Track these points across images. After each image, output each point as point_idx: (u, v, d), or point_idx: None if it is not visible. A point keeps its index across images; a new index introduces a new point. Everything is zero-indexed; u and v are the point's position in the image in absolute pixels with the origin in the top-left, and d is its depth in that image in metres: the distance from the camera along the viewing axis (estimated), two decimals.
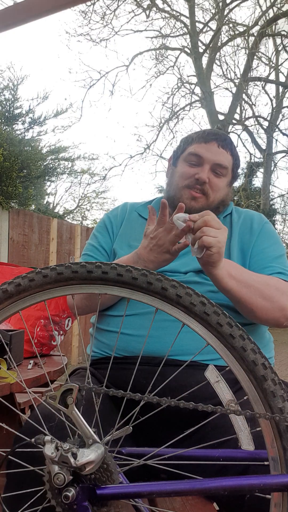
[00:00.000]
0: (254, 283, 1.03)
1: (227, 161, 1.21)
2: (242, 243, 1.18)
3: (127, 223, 1.29)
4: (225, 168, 1.21)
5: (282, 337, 9.44)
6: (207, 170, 1.19)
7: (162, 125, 12.75)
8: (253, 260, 1.15)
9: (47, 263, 5.83)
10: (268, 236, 1.21)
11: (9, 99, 7.95)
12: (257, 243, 1.18)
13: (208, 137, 1.22)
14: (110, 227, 1.29)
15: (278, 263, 1.14)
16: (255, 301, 1.03)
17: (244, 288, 1.02)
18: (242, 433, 0.62)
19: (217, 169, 1.20)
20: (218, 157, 1.20)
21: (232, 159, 1.23)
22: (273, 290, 1.05)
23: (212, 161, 1.20)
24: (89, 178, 13.93)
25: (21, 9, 0.62)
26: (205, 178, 1.18)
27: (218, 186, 1.21)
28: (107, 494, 0.63)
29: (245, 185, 14.03)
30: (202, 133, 1.24)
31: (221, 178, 1.21)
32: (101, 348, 1.13)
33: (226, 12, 11.45)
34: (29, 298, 0.70)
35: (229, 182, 1.25)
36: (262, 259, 1.15)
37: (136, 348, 1.05)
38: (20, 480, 0.80)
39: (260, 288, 1.03)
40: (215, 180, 1.20)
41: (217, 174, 1.21)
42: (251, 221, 1.24)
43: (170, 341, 1.01)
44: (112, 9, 11.15)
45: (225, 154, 1.21)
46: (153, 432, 1.01)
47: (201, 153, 1.20)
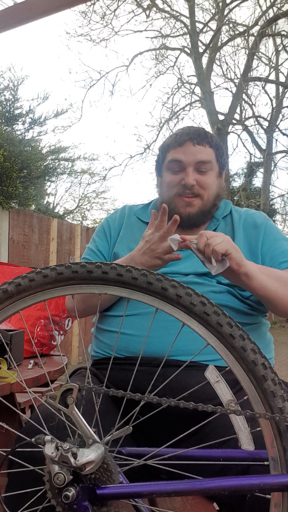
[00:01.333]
0: (281, 276, 1.05)
1: (207, 155, 1.19)
2: (249, 243, 1.17)
3: (127, 226, 1.29)
4: (208, 163, 1.19)
5: (282, 337, 9.44)
6: (191, 172, 1.18)
7: (162, 125, 12.75)
8: (267, 258, 1.15)
9: (47, 263, 5.83)
10: (274, 232, 1.21)
11: (9, 100, 7.96)
12: (265, 240, 1.18)
13: (181, 140, 1.20)
14: (108, 231, 1.30)
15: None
16: (283, 292, 1.03)
17: (275, 282, 1.02)
18: (242, 433, 0.62)
19: (201, 167, 1.18)
20: (197, 156, 1.18)
21: (213, 150, 1.21)
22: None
23: (193, 162, 1.18)
24: (89, 178, 13.94)
25: (21, 9, 0.62)
26: (191, 181, 1.17)
27: (207, 183, 1.19)
28: (107, 494, 0.63)
29: (245, 185, 14.04)
30: (175, 137, 1.22)
31: (207, 174, 1.20)
32: (102, 348, 1.13)
33: (226, 12, 11.45)
34: (29, 298, 0.70)
35: (218, 173, 1.23)
36: (276, 256, 1.15)
37: (137, 348, 1.05)
38: (21, 480, 0.80)
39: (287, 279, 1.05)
40: (202, 179, 1.19)
41: (202, 172, 1.19)
42: (253, 220, 1.22)
43: (171, 341, 1.01)
44: (112, 9, 11.16)
45: (203, 149, 1.19)
46: (153, 432, 1.01)
47: (179, 158, 1.19)
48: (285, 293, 1.03)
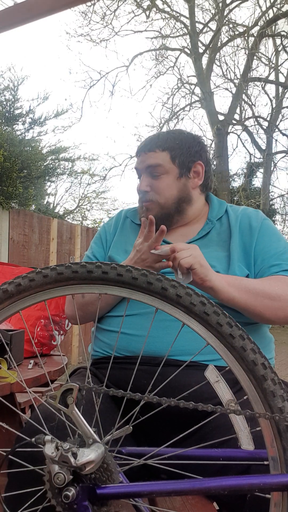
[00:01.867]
0: (255, 286, 1.02)
1: (157, 159, 1.21)
2: (244, 244, 1.17)
3: (122, 230, 1.31)
4: (159, 166, 1.20)
5: (282, 337, 9.44)
6: (144, 179, 1.22)
7: (162, 125, 12.74)
8: (259, 260, 1.14)
9: (47, 263, 5.83)
10: (269, 232, 1.19)
11: (9, 100, 7.95)
12: (259, 241, 1.16)
13: (138, 151, 1.25)
14: (104, 237, 1.31)
15: (284, 260, 1.13)
16: (261, 303, 1.01)
17: (246, 294, 1.01)
18: (242, 432, 0.62)
19: (153, 172, 1.21)
20: (146, 162, 1.22)
21: (166, 153, 1.21)
22: (278, 289, 1.03)
23: (144, 168, 1.22)
24: (89, 178, 13.93)
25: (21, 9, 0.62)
26: (142, 187, 1.22)
27: (160, 187, 1.20)
28: (107, 494, 0.63)
29: (245, 185, 14.04)
30: (136, 150, 1.27)
31: (161, 178, 1.21)
32: (102, 348, 1.14)
33: (226, 12, 11.44)
34: (29, 298, 0.70)
35: (176, 175, 1.22)
36: (267, 258, 1.13)
37: (137, 348, 1.05)
38: (21, 480, 0.80)
39: (263, 289, 1.02)
40: (155, 183, 1.21)
41: (155, 177, 1.21)
42: (249, 220, 1.21)
43: (171, 341, 1.01)
44: (112, 10, 11.15)
45: (154, 154, 1.21)
46: (153, 432, 1.01)
47: (136, 166, 1.25)
48: (256, 304, 1.01)
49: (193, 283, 0.98)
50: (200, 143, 1.27)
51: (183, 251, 0.97)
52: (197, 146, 1.25)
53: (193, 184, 1.24)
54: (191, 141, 1.25)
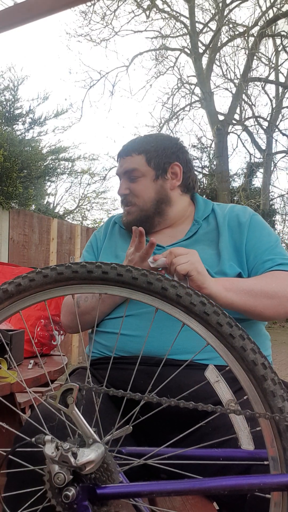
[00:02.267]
0: (253, 287, 1.02)
1: (133, 163, 1.23)
2: (234, 241, 1.16)
3: (110, 235, 1.32)
4: (134, 170, 1.23)
5: (282, 337, 9.43)
6: (123, 182, 1.25)
7: (162, 125, 12.74)
8: (251, 256, 1.13)
9: (47, 263, 5.83)
10: (259, 227, 1.19)
11: (9, 100, 7.95)
12: (250, 237, 1.16)
13: (117, 157, 1.29)
14: (95, 244, 1.33)
15: (276, 254, 1.12)
16: (260, 303, 1.01)
17: (245, 296, 1.00)
18: (242, 432, 0.62)
19: (130, 176, 1.24)
20: (123, 167, 1.25)
21: (142, 156, 1.23)
22: (275, 286, 1.03)
23: (122, 173, 1.25)
24: (89, 178, 13.93)
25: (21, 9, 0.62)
26: (121, 191, 1.25)
27: (138, 189, 1.23)
28: (107, 494, 0.63)
29: (245, 185, 14.03)
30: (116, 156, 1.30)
31: (138, 181, 1.23)
32: (98, 349, 1.14)
33: (226, 12, 11.44)
34: (29, 298, 0.70)
35: (153, 177, 1.23)
36: (260, 253, 1.13)
37: (133, 348, 1.05)
38: (21, 480, 0.80)
39: (260, 289, 1.02)
40: (132, 186, 1.23)
41: (132, 180, 1.23)
42: (237, 217, 1.20)
43: (167, 341, 1.01)
44: (112, 10, 11.15)
45: (130, 158, 1.24)
46: (153, 432, 1.01)
47: (116, 172, 1.29)
48: (256, 305, 1.01)
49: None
50: (177, 144, 1.28)
51: (180, 257, 0.96)
52: (174, 147, 1.26)
53: (171, 185, 1.24)
54: (167, 142, 1.26)
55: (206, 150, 14.41)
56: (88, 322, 1.16)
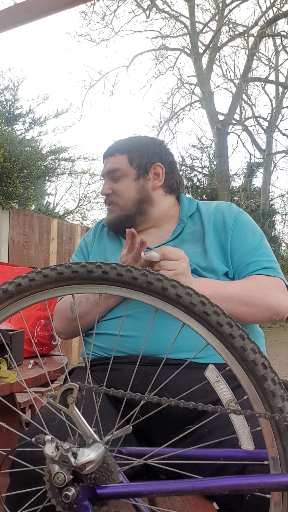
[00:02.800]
0: (232, 294, 1.03)
1: (115, 163, 1.24)
2: (220, 241, 1.16)
3: (99, 239, 1.32)
4: (117, 169, 1.24)
5: (282, 337, 9.42)
6: (106, 182, 1.27)
7: (162, 125, 12.75)
8: (236, 257, 1.14)
9: (47, 263, 5.83)
10: (244, 226, 1.18)
11: (9, 100, 7.95)
12: (234, 237, 1.16)
13: (103, 157, 1.30)
14: (85, 248, 1.33)
15: (261, 255, 1.13)
16: (239, 311, 1.03)
17: (223, 303, 1.01)
18: (242, 432, 0.62)
19: (112, 176, 1.25)
20: (105, 168, 1.27)
21: (124, 156, 1.24)
22: (255, 294, 1.04)
23: (105, 173, 1.27)
24: (89, 178, 13.94)
25: (21, 9, 0.62)
26: (104, 190, 1.27)
27: (120, 189, 1.24)
28: (107, 494, 0.63)
29: (245, 185, 14.03)
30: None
31: (120, 181, 1.24)
32: (93, 350, 1.14)
33: (226, 12, 11.45)
34: (29, 298, 0.70)
35: (134, 176, 1.24)
36: (244, 254, 1.13)
37: (126, 348, 1.05)
38: (23, 480, 0.80)
39: (239, 297, 1.03)
40: (114, 186, 1.25)
41: (115, 180, 1.25)
42: (223, 215, 1.20)
43: (160, 340, 1.01)
44: (112, 10, 11.16)
45: (112, 158, 1.26)
46: (153, 432, 1.01)
47: (101, 174, 1.31)
48: (233, 312, 1.02)
49: None
50: (160, 146, 1.29)
51: (168, 263, 0.98)
52: (157, 148, 1.27)
53: (153, 185, 1.25)
54: (151, 143, 1.28)
55: (206, 150, 14.42)
56: (82, 327, 1.17)
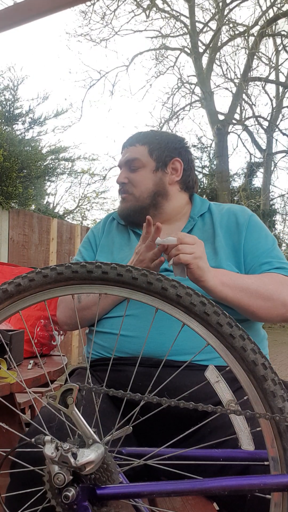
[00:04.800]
0: (249, 285, 1.03)
1: (135, 153, 1.25)
2: (232, 242, 1.16)
3: (108, 233, 1.31)
4: (136, 160, 1.24)
5: (282, 337, 9.42)
6: (123, 171, 1.27)
7: (162, 125, 12.75)
8: (249, 258, 1.14)
9: (47, 263, 5.83)
10: (257, 229, 1.19)
11: (9, 99, 7.95)
12: (248, 239, 1.16)
13: (122, 148, 1.30)
14: (94, 241, 1.32)
15: (274, 257, 1.13)
16: (254, 303, 1.02)
17: (239, 293, 1.01)
18: (242, 433, 0.62)
19: (130, 166, 1.25)
20: (125, 157, 1.26)
21: (144, 147, 1.25)
22: (272, 288, 1.04)
23: (123, 162, 1.26)
24: (89, 178, 13.93)
25: (21, 9, 0.62)
26: (120, 179, 1.26)
27: (137, 179, 1.24)
28: (107, 494, 0.63)
29: (245, 185, 14.03)
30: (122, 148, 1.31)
31: (138, 171, 1.24)
32: (96, 350, 1.13)
33: (226, 12, 11.44)
34: (29, 298, 0.70)
35: (153, 168, 1.24)
36: (258, 255, 1.13)
37: (130, 349, 1.05)
38: (23, 480, 0.80)
39: (257, 289, 1.03)
40: (132, 176, 1.25)
41: (132, 170, 1.25)
42: (236, 217, 1.21)
43: (165, 341, 1.01)
44: (112, 9, 11.16)
45: (133, 148, 1.26)
46: (153, 432, 1.01)
47: (119, 162, 1.30)
48: (249, 304, 1.02)
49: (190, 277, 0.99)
50: (181, 142, 1.30)
51: (186, 246, 0.97)
52: (177, 143, 1.28)
53: (170, 179, 1.25)
54: (172, 138, 1.29)
55: (206, 150, 14.42)
56: (88, 318, 1.16)
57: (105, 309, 1.13)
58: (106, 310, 1.14)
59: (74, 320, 1.19)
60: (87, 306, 1.14)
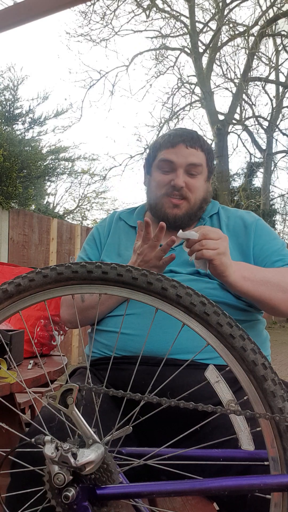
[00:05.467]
0: (270, 279, 1.04)
1: (199, 159, 1.19)
2: (240, 245, 1.17)
3: (114, 232, 1.29)
4: (199, 166, 1.19)
5: (282, 337, 9.42)
6: (181, 174, 1.17)
7: (162, 125, 12.75)
8: (259, 259, 1.15)
9: (47, 263, 5.83)
10: (265, 231, 1.20)
11: (9, 99, 7.95)
12: (257, 241, 1.17)
13: (174, 141, 1.18)
14: (98, 239, 1.30)
15: (284, 255, 1.14)
16: (275, 296, 1.03)
17: (261, 287, 1.02)
18: (242, 433, 0.62)
19: (191, 170, 1.18)
20: (189, 158, 1.17)
21: (204, 154, 1.21)
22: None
23: (184, 164, 1.17)
24: (89, 178, 13.95)
25: (21, 9, 0.62)
26: (181, 183, 1.16)
27: (196, 186, 1.19)
28: (107, 494, 0.63)
29: (245, 185, 14.04)
30: (168, 137, 1.20)
31: (197, 178, 1.19)
32: (99, 348, 1.13)
33: (226, 12, 11.44)
34: (29, 298, 0.70)
35: (206, 177, 1.23)
36: (268, 255, 1.14)
37: (134, 347, 1.05)
38: (23, 480, 0.80)
39: (278, 282, 1.04)
40: (191, 182, 1.18)
41: (192, 175, 1.19)
42: (243, 221, 1.21)
43: (169, 340, 1.01)
44: (112, 9, 11.15)
45: (196, 152, 1.18)
46: (154, 432, 1.01)
47: (171, 159, 1.17)
48: (271, 297, 1.03)
49: (213, 272, 1.00)
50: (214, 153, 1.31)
51: (211, 241, 0.96)
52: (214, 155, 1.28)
53: (209, 188, 1.26)
54: (211, 148, 1.28)
55: None
56: (91, 317, 1.15)
57: (109, 307, 1.13)
58: (111, 309, 1.14)
59: (79, 319, 1.18)
60: (90, 305, 1.14)
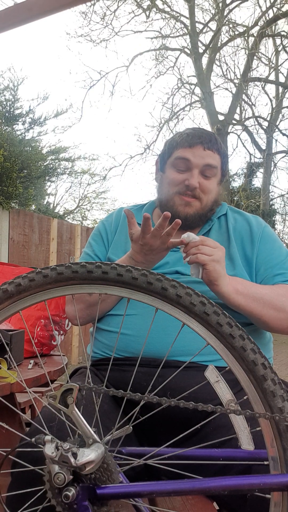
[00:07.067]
0: (263, 295, 1.03)
1: (215, 161, 1.19)
2: (245, 251, 1.17)
3: (122, 229, 1.27)
4: (215, 168, 1.19)
5: (282, 337, 9.42)
6: (196, 174, 1.17)
7: (162, 125, 12.74)
8: (262, 269, 1.15)
9: (47, 263, 5.83)
10: (270, 240, 1.20)
11: (9, 100, 7.96)
12: (261, 250, 1.17)
13: (192, 141, 1.18)
14: (105, 235, 1.28)
15: (286, 269, 1.14)
16: (267, 313, 1.03)
17: (253, 302, 1.02)
18: (242, 433, 0.62)
19: (206, 171, 1.18)
20: (205, 160, 1.17)
21: (219, 158, 1.21)
22: (285, 300, 1.05)
23: (201, 164, 1.17)
24: (89, 179, 13.96)
25: (21, 9, 0.62)
26: (195, 183, 1.16)
27: (209, 188, 1.19)
28: (107, 494, 0.63)
29: (245, 185, 14.04)
30: (186, 137, 1.20)
31: (211, 180, 1.20)
32: (101, 349, 1.13)
33: (226, 12, 11.44)
34: (29, 298, 0.70)
35: (219, 181, 1.23)
36: (271, 266, 1.14)
37: (136, 348, 1.05)
38: (23, 480, 0.80)
39: (270, 300, 1.04)
40: (205, 183, 1.18)
41: (206, 177, 1.19)
42: (250, 226, 1.21)
43: (171, 342, 1.01)
44: (112, 10, 11.15)
45: (212, 154, 1.18)
46: (154, 432, 1.01)
47: (188, 157, 1.17)
48: (262, 314, 1.03)
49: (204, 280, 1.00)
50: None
51: (207, 248, 0.97)
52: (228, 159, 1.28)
53: (220, 191, 1.26)
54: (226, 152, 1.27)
55: None
56: (96, 314, 1.14)
57: (111, 305, 1.14)
58: (112, 306, 1.14)
59: (87, 314, 1.17)
60: (96, 301, 1.13)
